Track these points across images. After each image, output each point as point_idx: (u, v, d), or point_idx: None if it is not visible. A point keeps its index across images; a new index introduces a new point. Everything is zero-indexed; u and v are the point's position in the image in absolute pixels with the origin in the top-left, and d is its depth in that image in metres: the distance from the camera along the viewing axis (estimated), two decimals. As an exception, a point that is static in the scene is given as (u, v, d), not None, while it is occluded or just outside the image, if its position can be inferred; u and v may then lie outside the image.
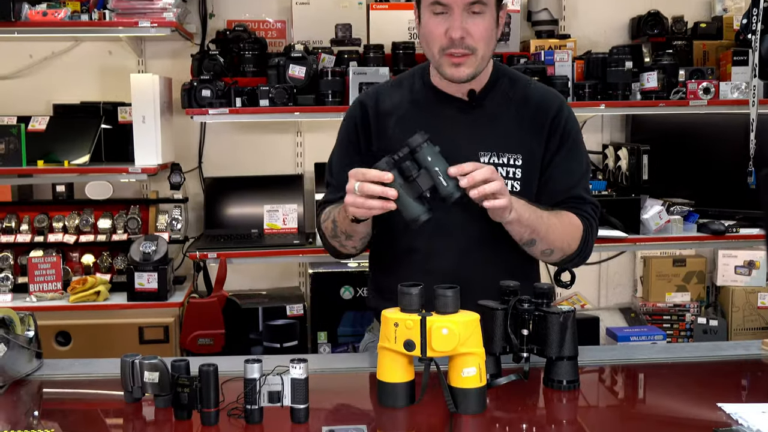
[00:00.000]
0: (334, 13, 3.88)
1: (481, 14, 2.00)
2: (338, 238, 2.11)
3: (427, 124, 2.07)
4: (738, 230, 3.66)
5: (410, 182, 1.78)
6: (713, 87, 3.67)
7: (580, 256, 2.14)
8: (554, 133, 2.11)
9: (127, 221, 3.78)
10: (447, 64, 2.02)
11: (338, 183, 2.17)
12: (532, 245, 2.04)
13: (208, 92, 3.53)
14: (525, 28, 4.08)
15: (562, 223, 2.06)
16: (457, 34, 1.98)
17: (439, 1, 2.00)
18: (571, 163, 2.13)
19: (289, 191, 3.93)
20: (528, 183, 2.09)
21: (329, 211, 2.14)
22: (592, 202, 2.16)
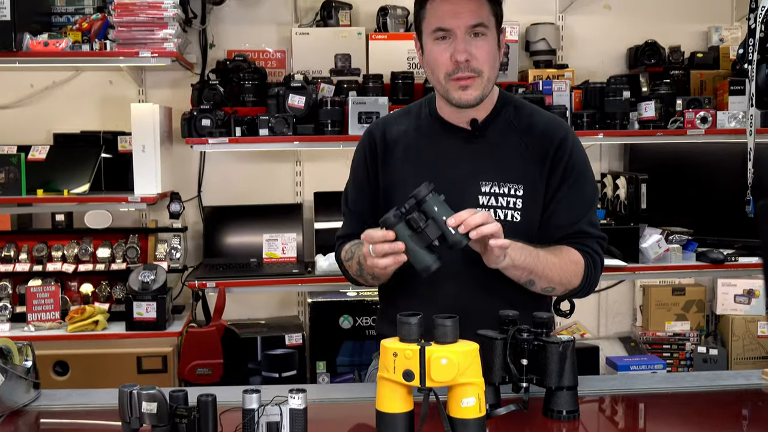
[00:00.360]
0: (334, 44, 3.90)
1: (483, 36, 2.04)
2: (364, 278, 2.17)
3: (430, 154, 2.11)
4: (737, 259, 3.66)
5: (419, 233, 1.81)
6: (710, 116, 3.69)
7: (584, 290, 2.14)
8: (557, 165, 2.11)
9: (126, 250, 3.77)
10: (454, 88, 2.05)
11: (353, 213, 2.24)
12: (531, 285, 2.05)
13: (208, 122, 3.55)
14: (523, 58, 4.11)
15: (561, 260, 2.06)
16: (462, 57, 2.01)
17: (441, 27, 2.04)
18: (575, 197, 2.12)
19: (289, 220, 3.93)
20: (528, 214, 2.09)
21: (351, 251, 2.17)
22: (598, 236, 2.15)
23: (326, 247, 3.62)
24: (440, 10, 2.04)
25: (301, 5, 4.03)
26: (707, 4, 4.24)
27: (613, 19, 4.24)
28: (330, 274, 3.52)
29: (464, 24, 2.01)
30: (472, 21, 2.02)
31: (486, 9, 2.05)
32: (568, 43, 4.22)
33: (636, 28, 4.18)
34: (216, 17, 4.04)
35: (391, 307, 2.19)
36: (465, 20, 2.01)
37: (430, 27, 2.07)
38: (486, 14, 2.04)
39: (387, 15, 3.92)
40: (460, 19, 2.02)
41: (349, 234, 2.24)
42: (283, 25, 4.06)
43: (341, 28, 3.94)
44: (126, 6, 3.50)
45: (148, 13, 3.51)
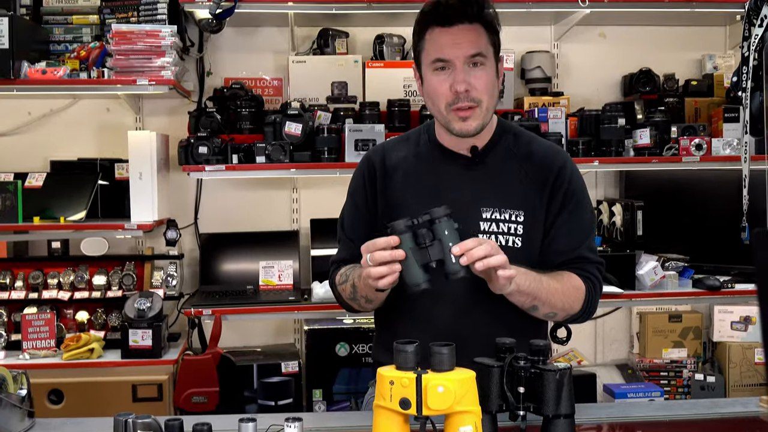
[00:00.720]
0: (330, 71, 3.93)
1: (482, 66, 2.06)
2: (357, 301, 2.16)
3: (431, 180, 2.13)
4: (733, 286, 3.65)
5: (421, 249, 1.82)
6: (705, 143, 3.71)
7: (584, 316, 2.15)
8: (557, 192, 2.13)
9: (122, 278, 3.76)
10: (454, 119, 2.08)
11: (349, 238, 2.24)
12: (534, 310, 2.06)
13: (204, 149, 3.56)
14: (519, 85, 4.13)
15: (564, 286, 2.07)
16: (461, 87, 2.04)
17: (440, 58, 2.06)
18: (575, 223, 2.15)
19: (285, 247, 3.93)
20: (529, 239, 2.11)
21: (346, 274, 2.18)
22: (597, 261, 2.17)
23: (323, 274, 3.61)
24: (439, 40, 2.07)
25: (298, 33, 4.05)
26: (701, 33, 4.27)
27: (607, 47, 4.27)
28: (326, 301, 3.52)
29: (463, 54, 2.04)
30: (470, 51, 2.04)
31: (484, 39, 2.07)
32: (563, 71, 4.25)
33: (631, 56, 4.21)
34: (213, 45, 4.07)
35: (387, 333, 2.20)
36: (464, 50, 2.04)
37: (429, 58, 2.09)
38: (484, 44, 2.07)
39: (383, 43, 3.94)
40: (459, 49, 2.04)
41: (345, 259, 2.24)
42: (280, 53, 4.09)
43: (338, 56, 3.96)
44: (124, 34, 3.52)
45: (146, 41, 3.53)
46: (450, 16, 2.04)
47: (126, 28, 3.55)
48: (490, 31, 2.08)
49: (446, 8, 2.05)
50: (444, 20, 2.05)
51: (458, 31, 2.05)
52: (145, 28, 3.55)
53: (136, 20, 3.72)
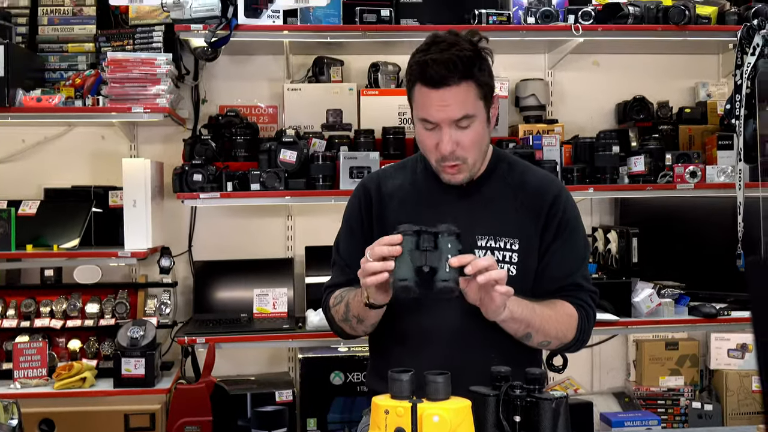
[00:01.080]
0: (325, 99, 3.94)
1: (470, 126, 2.05)
2: (349, 322, 2.15)
3: (426, 208, 2.14)
4: (729, 313, 3.64)
5: (419, 251, 1.84)
6: (700, 171, 3.72)
7: (577, 344, 2.16)
8: (551, 221, 2.14)
9: (115, 306, 3.74)
10: (443, 171, 2.11)
11: (345, 263, 2.25)
12: (528, 339, 2.06)
13: (199, 176, 3.55)
14: (513, 113, 4.15)
15: (557, 314, 2.07)
16: (447, 149, 2.05)
17: (427, 119, 2.06)
18: (569, 250, 2.16)
19: (280, 275, 3.91)
20: (524, 267, 2.12)
21: (341, 295, 2.18)
22: (590, 290, 2.18)
23: (317, 302, 3.56)
24: (427, 99, 2.04)
25: (293, 61, 4.07)
26: (694, 61, 4.30)
27: (601, 75, 4.29)
28: (321, 329, 3.50)
29: (449, 118, 2.02)
30: (456, 115, 2.02)
31: (472, 96, 2.04)
32: (557, 99, 4.27)
33: (624, 84, 4.23)
34: (208, 73, 4.08)
35: (382, 361, 2.20)
36: (450, 113, 2.02)
37: (417, 112, 2.09)
38: (472, 102, 2.04)
39: (378, 71, 3.96)
40: (445, 112, 2.02)
41: (339, 284, 2.25)
42: (275, 81, 4.10)
43: (333, 84, 3.98)
44: (119, 62, 3.53)
45: (141, 69, 3.53)
46: (435, 78, 2.00)
47: (121, 56, 3.56)
48: (480, 84, 2.04)
49: (433, 69, 2.00)
50: (430, 81, 2.01)
51: (444, 95, 2.01)
52: (141, 56, 3.56)
53: (131, 48, 3.75)
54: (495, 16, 3.64)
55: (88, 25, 3.86)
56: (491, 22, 3.63)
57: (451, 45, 2.01)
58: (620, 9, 3.68)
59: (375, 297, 1.97)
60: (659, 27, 3.71)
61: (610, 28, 3.71)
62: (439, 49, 2.01)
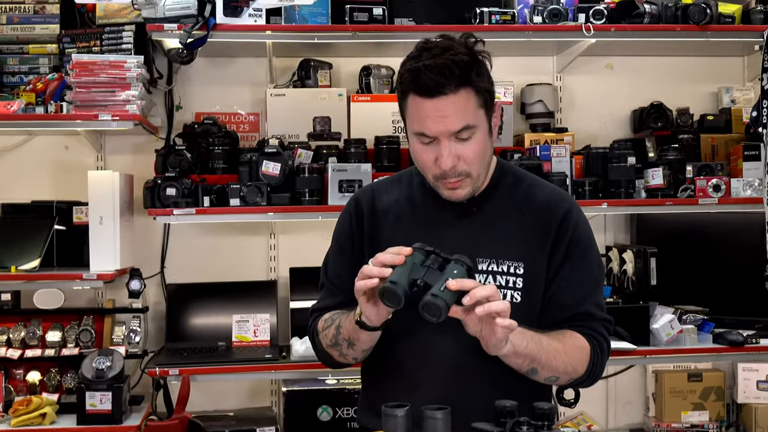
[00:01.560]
0: (312, 105, 3.95)
1: (471, 137, 2.04)
2: (339, 347, 2.14)
3: (423, 227, 2.13)
4: (758, 341, 3.65)
5: (422, 266, 1.87)
6: (724, 184, 3.73)
7: (589, 379, 2.15)
8: (561, 241, 2.14)
9: (79, 334, 3.73)
10: (443, 187, 2.10)
11: (333, 285, 2.25)
12: (533, 374, 2.05)
13: (173, 191, 3.56)
14: (519, 121, 4.16)
15: (566, 347, 2.07)
16: (448, 165, 2.03)
17: (423, 133, 2.05)
18: (580, 275, 2.15)
19: (261, 299, 3.91)
20: (530, 294, 2.11)
21: (332, 318, 2.17)
22: (604, 319, 2.17)
23: (303, 328, 3.54)
24: (422, 110, 2.03)
25: (277, 64, 4.08)
26: (717, 64, 4.33)
27: (615, 79, 4.32)
28: (307, 359, 3.49)
29: (447, 131, 2.01)
30: (456, 126, 2.01)
31: (472, 104, 2.03)
32: (567, 105, 4.29)
33: (641, 89, 4.26)
34: (184, 77, 4.09)
35: (375, 393, 2.20)
36: (448, 126, 2.01)
37: (412, 125, 2.08)
38: (472, 110, 2.03)
39: (370, 75, 3.97)
40: (443, 124, 2.01)
41: (327, 307, 2.24)
42: (257, 85, 4.11)
43: (320, 89, 3.99)
44: (85, 65, 3.54)
45: (110, 72, 3.55)
46: (430, 86, 1.99)
47: (87, 58, 3.57)
48: (479, 90, 2.03)
49: (427, 76, 1.98)
50: (424, 90, 2.00)
51: (440, 104, 2.00)
52: (109, 59, 3.58)
53: (98, 50, 3.76)
54: (498, 15, 3.66)
55: (51, 25, 3.87)
56: (494, 22, 3.65)
57: (445, 50, 2.00)
58: (635, 7, 3.70)
59: (367, 313, 1.96)
60: (678, 27, 3.74)
61: (624, 28, 3.73)
62: (431, 54, 2.00)
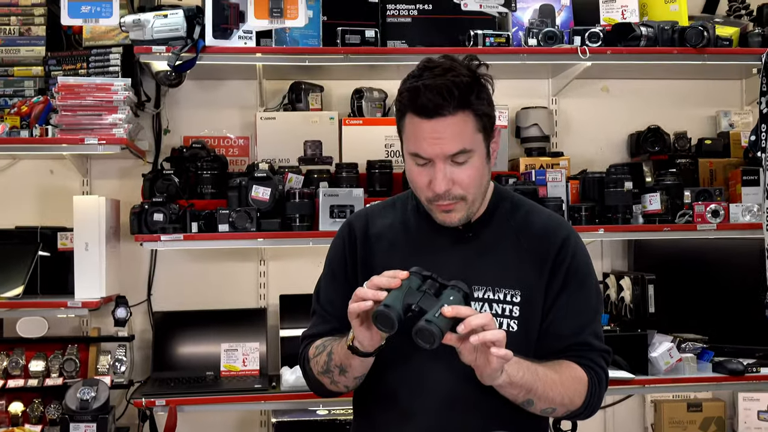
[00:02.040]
0: (303, 129, 3.94)
1: (467, 161, 2.04)
2: (330, 373, 2.12)
3: (418, 253, 2.13)
4: (759, 370, 3.64)
5: (416, 291, 1.86)
6: (722, 209, 3.73)
7: (586, 411, 2.14)
8: (558, 269, 2.13)
9: (63, 363, 3.71)
10: (437, 211, 2.09)
11: (325, 311, 2.24)
12: (530, 405, 2.04)
13: (160, 216, 3.54)
14: (514, 145, 4.17)
15: (563, 378, 2.06)
16: (441, 188, 2.03)
17: (418, 154, 2.04)
18: (578, 304, 2.14)
19: (251, 328, 3.88)
20: (526, 322, 2.10)
21: (324, 344, 2.16)
22: (603, 350, 2.16)
23: (293, 358, 3.52)
24: (419, 130, 2.03)
25: (267, 87, 4.08)
26: (715, 87, 4.34)
27: (612, 102, 4.33)
28: (297, 389, 3.47)
29: (443, 153, 2.01)
30: (452, 150, 2.01)
31: (470, 128, 2.03)
32: (562, 129, 4.29)
33: (637, 113, 4.27)
34: (172, 100, 4.09)
35: (367, 423, 2.19)
36: (444, 148, 2.01)
37: (408, 145, 2.08)
38: (470, 134, 2.02)
39: (362, 98, 3.97)
40: (439, 146, 2.00)
41: (319, 333, 2.23)
42: (247, 108, 4.11)
43: (311, 113, 3.99)
44: (71, 88, 3.53)
45: (96, 96, 3.54)
46: (429, 107, 1.98)
47: (74, 81, 3.57)
48: (478, 114, 2.03)
49: (426, 96, 1.98)
50: (422, 111, 2.00)
51: (438, 125, 2.00)
52: (96, 81, 3.58)
53: (85, 72, 3.76)
54: (493, 38, 3.66)
55: (37, 47, 3.86)
56: (488, 45, 3.65)
57: (447, 70, 2.00)
58: (632, 30, 3.71)
59: (359, 337, 1.94)
60: (675, 50, 3.75)
61: (620, 51, 3.74)
62: (432, 74, 1.99)
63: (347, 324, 1.97)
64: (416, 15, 3.79)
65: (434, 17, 3.79)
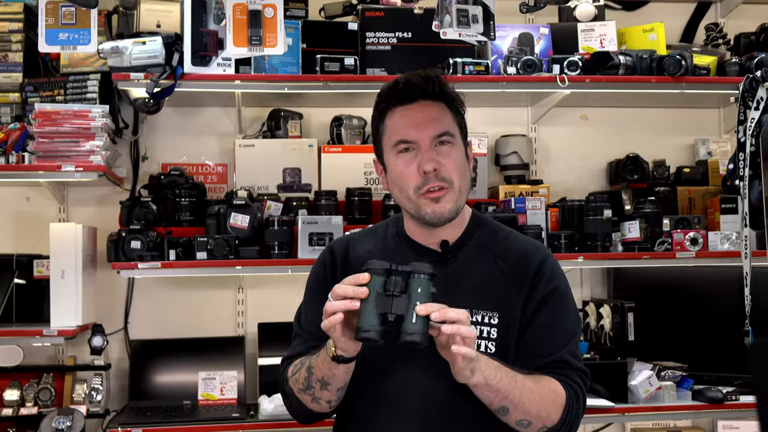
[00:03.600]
0: (282, 156, 3.96)
1: (450, 144, 2.13)
2: (311, 390, 2.12)
3: None
4: (738, 398, 3.66)
5: (386, 296, 1.86)
6: (701, 237, 3.77)
7: (563, 428, 2.13)
8: (536, 290, 2.16)
9: (38, 392, 3.69)
10: (426, 202, 2.12)
11: (306, 332, 2.26)
12: (505, 414, 2.05)
13: (137, 244, 3.54)
14: (493, 172, 4.20)
15: (541, 389, 2.07)
16: (429, 166, 2.09)
17: (404, 139, 2.12)
18: (556, 322, 2.17)
19: (229, 356, 3.88)
20: (504, 344, 2.13)
21: (302, 361, 2.17)
22: (580, 369, 2.18)
23: (272, 386, 3.57)
24: (401, 122, 2.14)
25: (246, 115, 4.10)
26: (693, 116, 4.40)
27: (591, 130, 4.38)
28: (276, 418, 3.47)
29: (429, 135, 2.11)
30: (437, 131, 2.12)
31: (449, 117, 2.16)
32: (542, 157, 4.33)
33: (616, 141, 4.32)
34: (150, 127, 4.10)
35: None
36: (430, 131, 2.12)
37: (391, 140, 2.16)
38: (450, 122, 2.15)
39: (342, 125, 4.00)
40: (424, 130, 2.11)
41: (299, 354, 2.24)
42: (226, 136, 4.13)
43: (290, 140, 4.00)
44: (48, 115, 3.54)
45: (73, 122, 3.55)
46: (410, 92, 2.14)
47: (51, 107, 3.58)
48: (453, 110, 2.18)
49: (405, 85, 2.15)
50: (404, 97, 2.14)
51: (421, 109, 2.14)
52: (73, 108, 3.59)
53: (62, 99, 3.75)
54: (472, 66, 3.70)
55: (14, 73, 3.86)
56: (468, 72, 3.69)
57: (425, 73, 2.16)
58: (610, 58, 3.76)
59: (342, 345, 1.96)
60: (653, 78, 3.80)
61: (599, 80, 3.78)
62: (410, 74, 2.16)
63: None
64: (396, 43, 3.82)
65: (414, 45, 3.82)
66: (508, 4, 3.75)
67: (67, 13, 3.45)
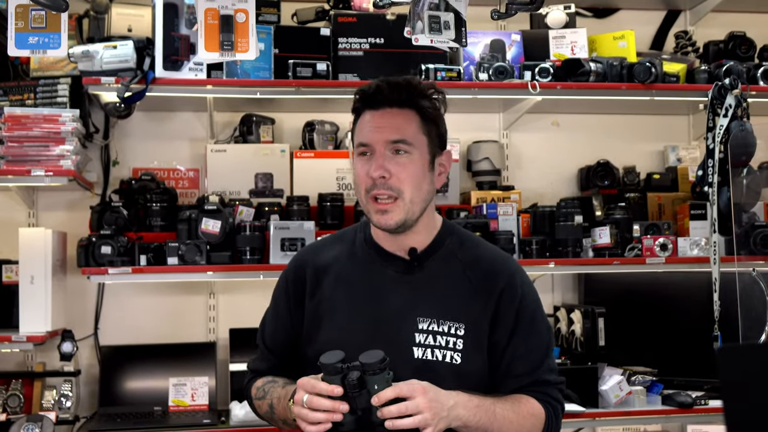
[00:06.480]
0: (254, 162, 3.96)
1: (407, 155, 2.11)
2: (275, 422, 2.18)
3: (364, 284, 2.15)
4: (707, 402, 3.69)
5: (348, 397, 1.90)
6: (671, 243, 3.80)
7: None
8: (508, 309, 2.16)
9: (6, 398, 3.66)
10: (373, 210, 2.13)
11: (268, 348, 2.28)
12: None
13: (108, 249, 3.53)
14: (465, 178, 4.21)
15: (519, 416, 2.09)
16: (376, 173, 2.09)
17: (361, 142, 2.14)
18: (532, 343, 2.18)
19: (200, 362, 3.87)
20: (469, 355, 2.12)
21: (264, 389, 2.19)
22: (558, 382, 2.21)
23: (243, 392, 3.56)
24: (366, 125, 2.15)
25: (218, 119, 4.09)
26: (663, 122, 4.44)
27: (562, 137, 4.40)
28: (247, 424, 3.47)
29: (383, 139, 2.11)
30: (392, 136, 2.11)
31: (414, 126, 2.14)
32: (513, 163, 4.35)
33: (587, 147, 4.35)
34: (121, 132, 4.08)
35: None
36: (384, 135, 2.11)
37: (355, 141, 2.18)
38: (412, 132, 2.13)
39: (314, 131, 4.00)
40: (380, 133, 2.11)
41: (259, 371, 2.29)
42: (197, 140, 4.12)
43: (262, 145, 4.00)
44: (18, 119, 3.52)
45: (43, 127, 3.53)
46: (378, 99, 2.14)
47: (20, 111, 3.55)
48: (425, 119, 2.16)
49: (375, 91, 2.16)
50: (372, 103, 2.15)
51: (383, 115, 2.13)
52: (43, 112, 3.56)
53: (32, 103, 3.73)
54: (444, 72, 3.72)
55: (-17, 77, 3.84)
56: (440, 79, 3.70)
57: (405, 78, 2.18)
58: (581, 65, 3.79)
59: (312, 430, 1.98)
60: (623, 85, 3.83)
61: (570, 86, 3.82)
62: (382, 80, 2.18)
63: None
64: (368, 49, 3.83)
65: (386, 51, 3.83)
66: (479, 10, 3.77)
67: (38, 17, 3.41)
